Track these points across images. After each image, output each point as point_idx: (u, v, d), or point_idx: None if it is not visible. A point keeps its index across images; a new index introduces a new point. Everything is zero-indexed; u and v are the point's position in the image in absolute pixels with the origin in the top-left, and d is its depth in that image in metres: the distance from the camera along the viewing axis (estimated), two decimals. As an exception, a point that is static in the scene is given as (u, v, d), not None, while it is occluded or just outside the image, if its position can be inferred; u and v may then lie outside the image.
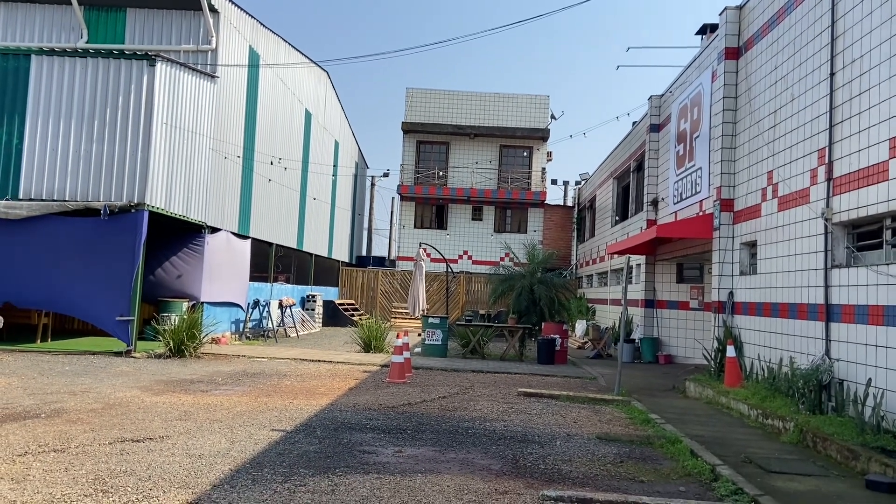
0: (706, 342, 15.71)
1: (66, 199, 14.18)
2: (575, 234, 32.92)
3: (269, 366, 13.67)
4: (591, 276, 28.38)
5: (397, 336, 12.71)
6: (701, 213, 14.68)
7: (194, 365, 13.18)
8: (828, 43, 9.63)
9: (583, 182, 33.11)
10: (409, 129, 32.65)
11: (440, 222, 33.12)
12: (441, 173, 32.84)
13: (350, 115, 31.27)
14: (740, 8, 13.15)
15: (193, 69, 15.87)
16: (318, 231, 27.65)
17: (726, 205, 13.05)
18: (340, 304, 28.17)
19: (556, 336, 16.72)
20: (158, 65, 14.28)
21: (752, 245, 12.22)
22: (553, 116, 33.24)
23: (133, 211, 13.95)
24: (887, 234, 8.27)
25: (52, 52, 14.68)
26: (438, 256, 27.14)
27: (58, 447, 6.46)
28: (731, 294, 12.80)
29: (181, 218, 15.63)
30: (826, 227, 9.33)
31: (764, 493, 5.93)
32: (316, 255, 27.46)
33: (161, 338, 14.30)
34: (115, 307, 13.69)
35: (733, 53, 13.17)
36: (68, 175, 14.26)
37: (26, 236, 13.82)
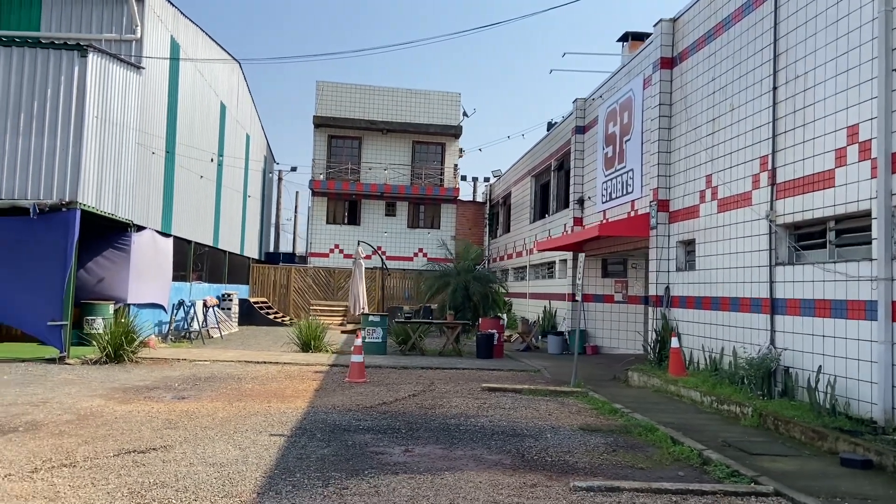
0: (636, 333, 16.67)
1: (-12, 196, 13.15)
2: (487, 229, 33.67)
3: (216, 369, 13.27)
4: (507, 270, 29.16)
5: (357, 336, 12.72)
6: (633, 213, 15.54)
7: (137, 371, 12.61)
8: (769, 59, 10.52)
9: (495, 179, 33.86)
10: (320, 122, 32.22)
11: (353, 218, 32.94)
12: (354, 168, 32.65)
13: (258, 107, 30.40)
14: (674, 20, 14.04)
15: (123, 60, 15.06)
16: (231, 228, 26.81)
17: (663, 205, 13.92)
18: (256, 303, 27.48)
19: (494, 331, 17.20)
20: (90, 56, 13.46)
21: (689, 243, 13.12)
22: (465, 113, 33.81)
23: (64, 210, 13.13)
24: (831, 235, 9.21)
25: (-36, 37, 13.54)
26: (351, 253, 27.01)
27: (64, 462, 6.15)
28: (667, 289, 13.68)
29: (110, 216, 14.82)
30: (771, 227, 10.23)
31: (759, 473, 6.53)
32: (229, 253, 26.63)
33: (95, 343, 13.56)
34: (46, 312, 12.86)
35: (668, 63, 14.04)
36: (-8, 171, 13.21)
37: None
